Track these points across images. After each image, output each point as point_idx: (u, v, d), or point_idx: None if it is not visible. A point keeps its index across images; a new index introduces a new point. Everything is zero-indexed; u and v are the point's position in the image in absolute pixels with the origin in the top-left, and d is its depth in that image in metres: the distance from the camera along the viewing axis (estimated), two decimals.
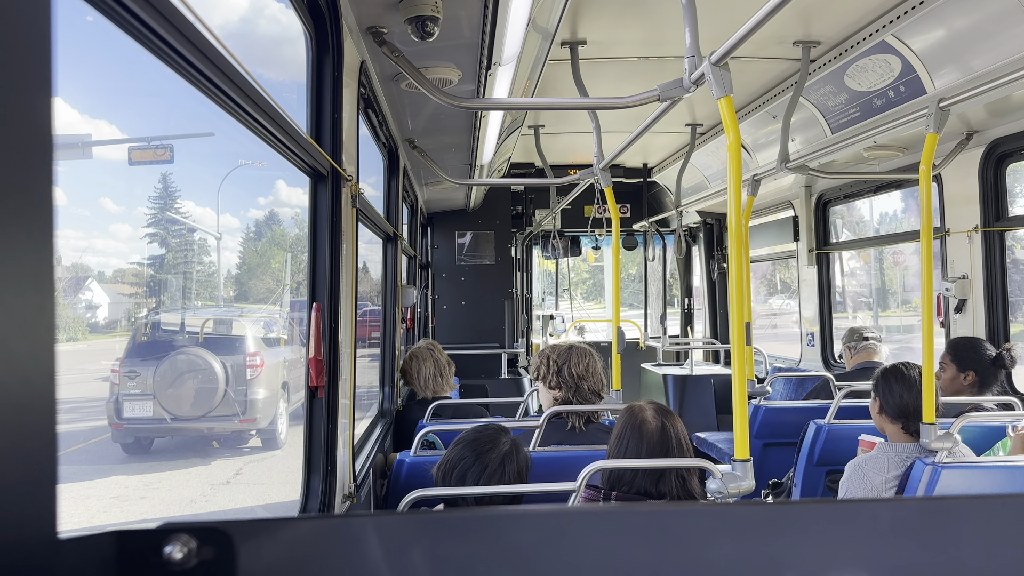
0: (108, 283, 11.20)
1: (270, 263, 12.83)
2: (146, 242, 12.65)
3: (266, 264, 12.82)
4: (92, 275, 11.34)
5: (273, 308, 12.68)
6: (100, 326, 10.51)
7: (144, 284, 11.87)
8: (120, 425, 5.99)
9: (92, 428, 6.28)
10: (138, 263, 11.94)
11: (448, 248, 7.46)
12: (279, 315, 11.04)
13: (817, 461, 3.68)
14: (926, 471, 2.72)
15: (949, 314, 4.35)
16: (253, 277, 13.28)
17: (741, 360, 1.96)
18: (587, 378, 3.21)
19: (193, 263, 12.40)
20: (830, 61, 3.77)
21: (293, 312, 11.12)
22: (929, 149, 2.91)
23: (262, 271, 12.48)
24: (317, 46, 2.25)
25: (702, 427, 6.26)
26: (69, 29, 5.35)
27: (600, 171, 3.62)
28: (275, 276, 13.35)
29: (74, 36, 6.24)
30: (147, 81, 9.23)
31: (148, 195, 13.16)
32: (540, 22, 2.52)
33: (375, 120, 3.43)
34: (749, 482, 1.95)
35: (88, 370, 7.27)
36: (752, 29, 1.91)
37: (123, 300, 11.38)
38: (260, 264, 12.67)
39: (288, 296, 12.98)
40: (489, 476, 2.26)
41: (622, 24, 3.52)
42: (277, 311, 12.13)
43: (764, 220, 6.91)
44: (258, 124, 1.63)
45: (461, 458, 2.30)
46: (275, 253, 12.58)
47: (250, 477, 6.06)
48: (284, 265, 13.17)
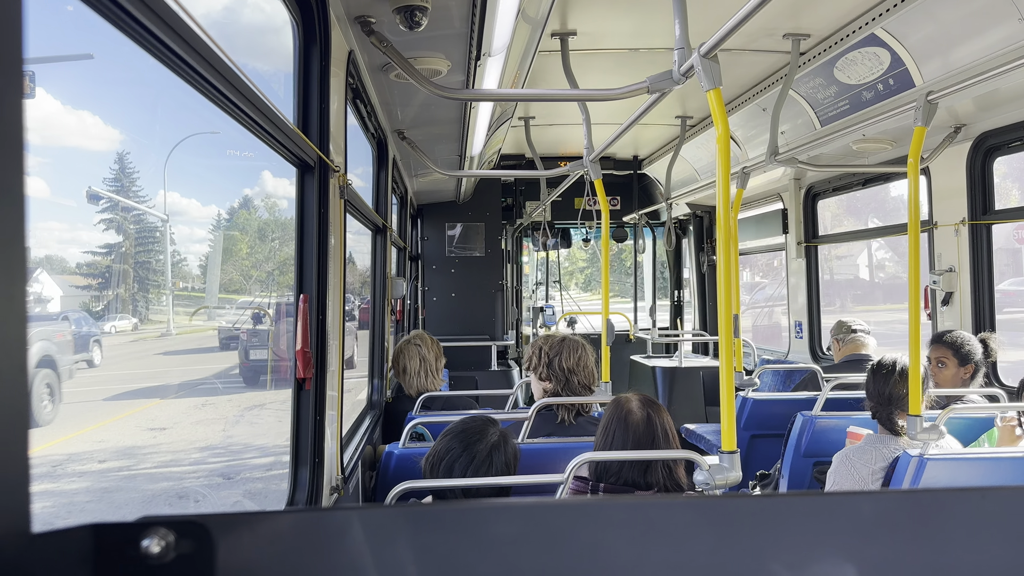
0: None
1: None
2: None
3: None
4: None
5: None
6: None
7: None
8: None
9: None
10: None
11: (438, 240, 7.45)
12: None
13: (804, 453, 3.70)
14: (912, 463, 2.74)
15: (936, 307, 4.37)
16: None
17: (729, 352, 1.96)
18: (577, 372, 3.21)
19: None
20: (820, 54, 3.77)
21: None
22: (917, 142, 2.92)
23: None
24: (304, 36, 2.23)
25: (691, 419, 6.28)
26: (48, 16, 5.28)
27: (590, 163, 3.62)
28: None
29: (54, 24, 6.16)
30: (131, 71, 9.16)
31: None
32: (530, 12, 2.51)
33: (364, 111, 3.41)
34: (736, 473, 1.96)
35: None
36: (741, 21, 1.91)
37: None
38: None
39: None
40: (477, 467, 2.27)
41: (612, 15, 3.51)
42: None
43: (753, 213, 6.93)
44: (243, 114, 1.62)
45: (449, 449, 2.30)
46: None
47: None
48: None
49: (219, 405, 9.08)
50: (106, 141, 10.08)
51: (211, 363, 10.36)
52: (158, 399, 8.44)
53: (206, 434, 7.94)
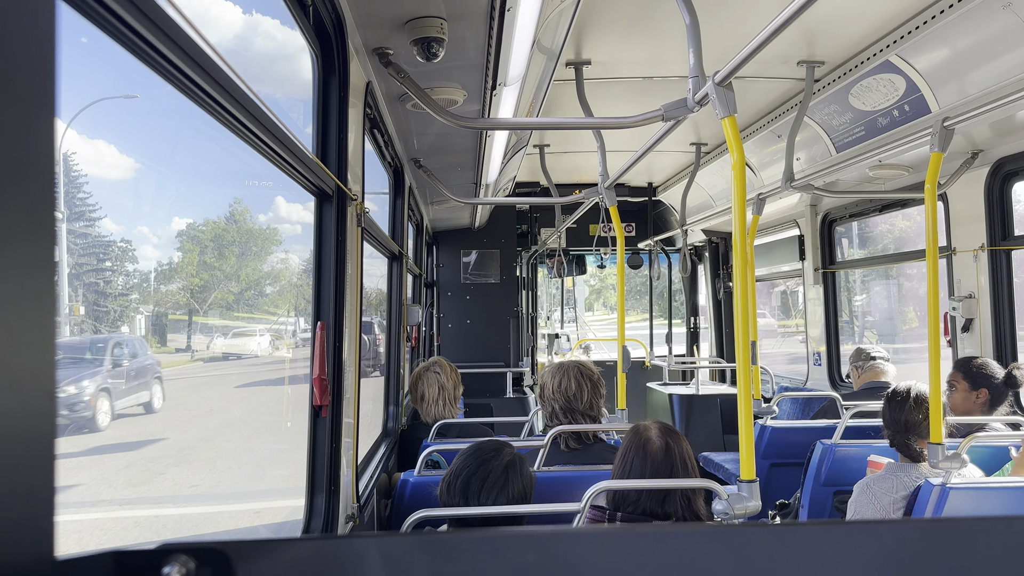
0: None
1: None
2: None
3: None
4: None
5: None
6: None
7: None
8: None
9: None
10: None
11: (453, 266, 7.47)
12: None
13: (824, 481, 3.65)
14: (934, 492, 2.69)
15: (956, 333, 4.32)
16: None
17: (747, 380, 1.95)
18: (575, 403, 3.15)
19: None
20: (834, 81, 3.78)
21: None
22: (934, 168, 2.91)
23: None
24: (323, 67, 2.26)
25: (708, 447, 6.22)
26: (71, 46, 5.39)
27: (605, 190, 3.63)
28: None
29: (76, 53, 6.31)
30: (153, 101, 9.32)
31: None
32: (545, 43, 2.54)
33: (381, 140, 3.45)
34: (755, 503, 1.94)
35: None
36: (756, 50, 1.92)
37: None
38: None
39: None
40: (492, 483, 2.24)
41: (626, 45, 3.54)
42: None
43: (770, 239, 6.91)
44: (265, 145, 1.65)
45: (464, 466, 2.28)
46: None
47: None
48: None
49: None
50: (123, 170, 10.26)
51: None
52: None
53: None
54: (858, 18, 3.19)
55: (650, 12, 3.14)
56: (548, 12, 2.23)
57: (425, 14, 2.21)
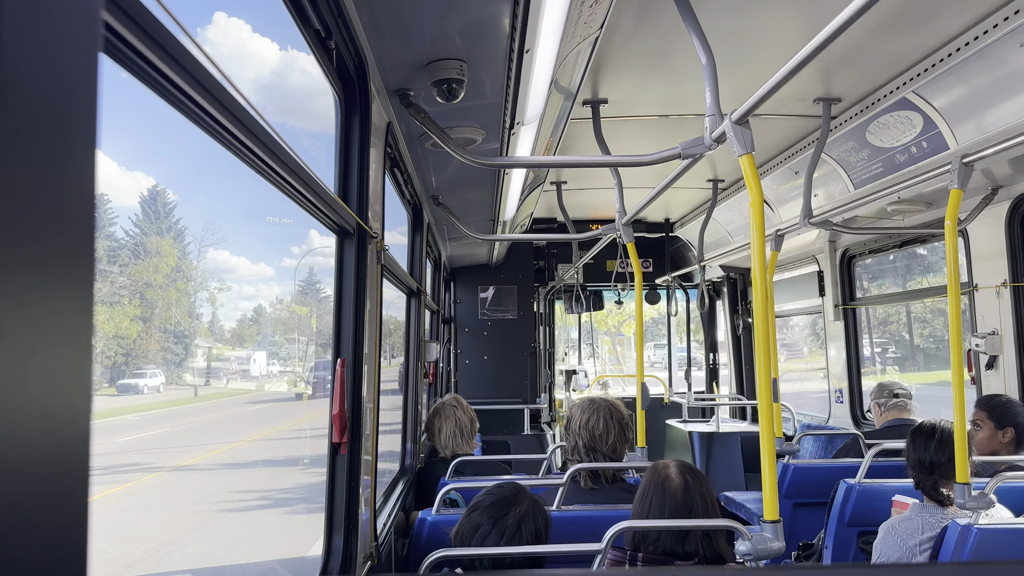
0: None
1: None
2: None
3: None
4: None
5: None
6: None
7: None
8: None
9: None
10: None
11: (471, 302, 7.49)
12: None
13: (848, 522, 3.58)
14: (960, 533, 2.64)
15: (980, 370, 4.26)
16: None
17: (768, 417, 1.93)
18: (600, 444, 3.12)
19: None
20: (851, 118, 3.79)
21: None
22: (954, 204, 2.90)
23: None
24: (346, 108, 2.30)
25: (730, 486, 6.13)
26: (111, 96, 5.55)
27: (622, 226, 3.64)
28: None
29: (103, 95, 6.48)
30: (179, 142, 9.52)
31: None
32: (562, 83, 2.57)
33: (400, 178, 3.49)
34: (779, 544, 1.91)
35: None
36: (773, 88, 1.93)
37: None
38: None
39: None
40: (508, 541, 2.21)
41: (643, 83, 3.57)
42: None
43: (789, 275, 6.87)
44: (287, 184, 1.67)
45: (477, 526, 2.24)
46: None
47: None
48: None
49: None
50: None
51: None
52: None
53: None
54: (874, 56, 3.20)
55: (666, 52, 3.17)
56: (565, 53, 2.26)
57: (445, 56, 2.25)
